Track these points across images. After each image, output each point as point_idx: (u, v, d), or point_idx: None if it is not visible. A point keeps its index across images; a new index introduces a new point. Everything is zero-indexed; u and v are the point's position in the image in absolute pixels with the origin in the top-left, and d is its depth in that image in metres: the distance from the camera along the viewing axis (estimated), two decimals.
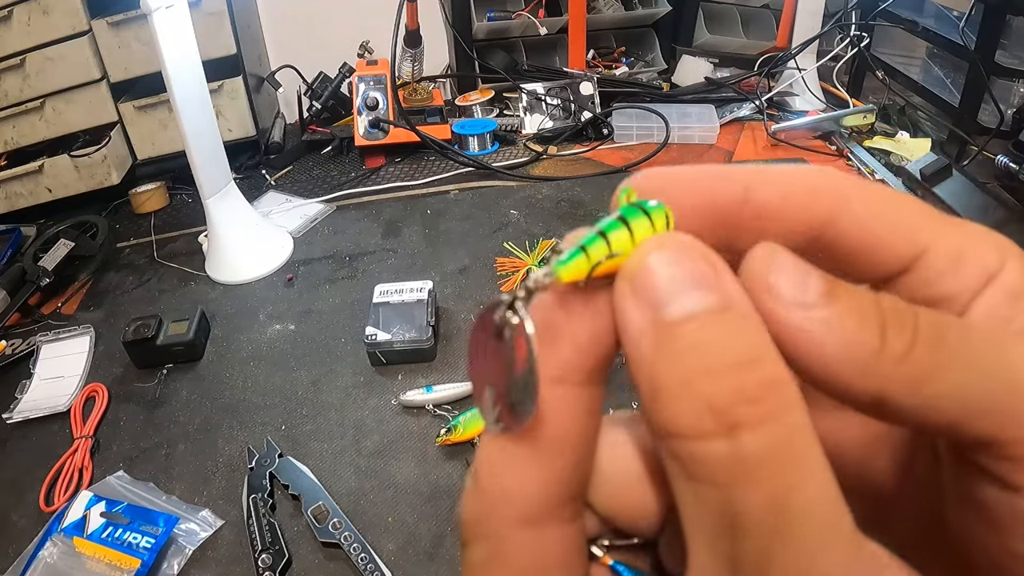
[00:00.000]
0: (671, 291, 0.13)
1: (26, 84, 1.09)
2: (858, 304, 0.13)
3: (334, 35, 1.43)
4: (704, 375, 0.12)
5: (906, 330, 0.13)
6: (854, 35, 1.34)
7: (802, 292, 0.14)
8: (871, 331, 0.13)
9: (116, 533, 0.62)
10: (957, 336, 0.13)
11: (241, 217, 1.02)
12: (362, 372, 0.80)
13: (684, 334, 0.13)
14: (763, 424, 0.12)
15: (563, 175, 1.19)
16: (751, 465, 0.12)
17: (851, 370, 0.13)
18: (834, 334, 0.13)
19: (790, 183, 0.16)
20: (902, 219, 0.16)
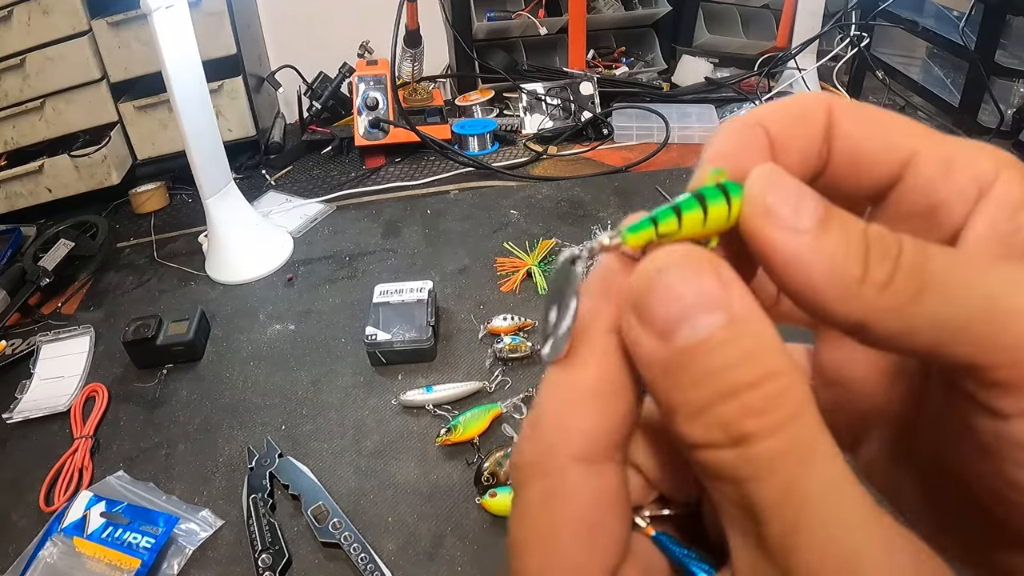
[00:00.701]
0: (678, 318, 0.13)
1: (26, 84, 1.09)
2: (847, 233, 0.14)
3: (334, 35, 1.43)
4: (713, 398, 0.13)
5: (888, 259, 0.14)
6: (854, 35, 1.34)
7: (796, 216, 0.14)
8: (856, 260, 0.14)
9: (116, 533, 0.62)
10: (938, 265, 0.14)
11: (241, 217, 1.02)
12: (362, 372, 0.80)
13: (691, 362, 0.13)
14: (770, 431, 0.13)
15: (563, 175, 1.19)
16: (760, 465, 0.13)
17: (835, 296, 0.14)
18: (821, 261, 0.14)
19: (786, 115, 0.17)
20: (888, 130, 0.17)
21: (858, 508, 0.13)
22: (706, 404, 0.13)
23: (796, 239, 0.14)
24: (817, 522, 0.13)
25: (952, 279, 0.14)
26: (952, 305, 0.13)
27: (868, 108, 0.17)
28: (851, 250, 0.14)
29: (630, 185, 1.13)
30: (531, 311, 0.86)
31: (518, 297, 0.89)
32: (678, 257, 0.14)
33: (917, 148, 0.16)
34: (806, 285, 0.14)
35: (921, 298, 0.13)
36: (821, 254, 0.14)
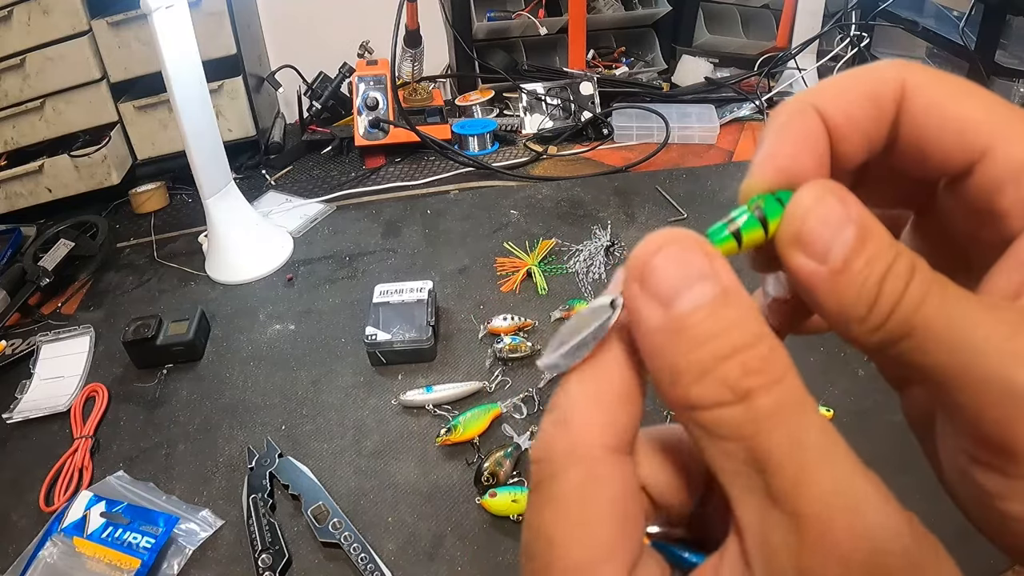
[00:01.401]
0: (678, 287, 0.15)
1: (26, 84, 1.09)
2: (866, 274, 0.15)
3: (334, 35, 1.43)
4: (716, 359, 0.14)
5: (890, 303, 0.15)
6: (854, 35, 1.34)
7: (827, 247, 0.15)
8: (864, 304, 0.15)
9: (116, 533, 0.62)
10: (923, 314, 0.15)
11: (241, 217, 1.02)
12: (362, 372, 0.80)
13: (694, 325, 0.15)
14: (769, 387, 0.14)
15: (563, 175, 1.19)
16: (766, 419, 0.14)
17: (839, 323, 0.16)
18: (834, 296, 0.15)
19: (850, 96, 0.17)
20: (964, 119, 0.16)
21: (852, 458, 0.14)
22: (710, 364, 0.14)
23: (818, 271, 0.15)
24: (822, 469, 0.14)
25: (934, 333, 0.15)
26: (927, 356, 0.15)
27: (948, 83, 0.16)
28: (863, 294, 0.15)
29: (630, 185, 1.13)
30: (531, 311, 0.86)
31: (518, 297, 0.89)
32: (673, 237, 0.15)
33: (992, 145, 0.16)
34: (817, 305, 0.16)
35: (903, 344, 0.15)
36: (836, 292, 0.15)
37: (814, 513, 0.14)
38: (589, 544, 0.15)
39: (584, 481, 0.16)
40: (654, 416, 0.70)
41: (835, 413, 0.68)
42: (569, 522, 0.15)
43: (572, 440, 0.16)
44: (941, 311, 0.15)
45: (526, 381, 0.76)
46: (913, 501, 0.48)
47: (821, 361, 0.75)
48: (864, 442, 0.65)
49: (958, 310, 0.15)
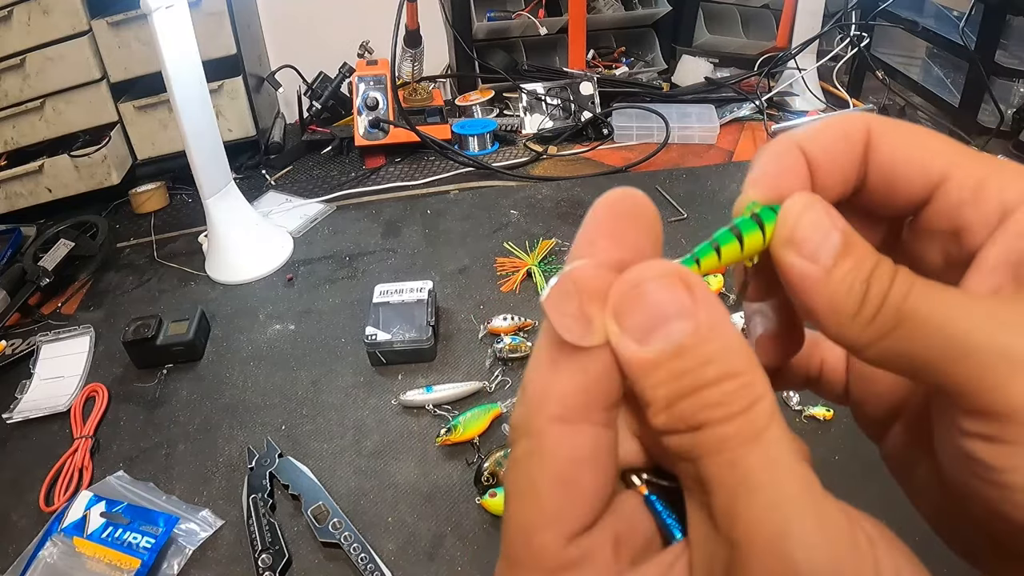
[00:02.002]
0: (651, 326, 0.15)
1: (26, 84, 1.09)
2: (855, 272, 0.16)
3: (334, 35, 1.43)
4: (678, 396, 0.15)
5: (879, 298, 0.16)
6: (854, 35, 1.34)
7: (817, 249, 0.17)
8: (854, 300, 0.16)
9: (116, 533, 0.62)
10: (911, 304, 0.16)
11: (241, 217, 1.02)
12: (362, 372, 0.80)
13: (662, 365, 0.15)
14: (720, 421, 0.15)
15: (563, 175, 1.19)
16: (710, 446, 0.15)
17: (831, 323, 0.17)
18: (826, 294, 0.17)
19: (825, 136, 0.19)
20: (923, 152, 0.18)
21: (795, 486, 0.15)
22: (672, 401, 0.15)
23: (811, 269, 0.17)
24: (755, 495, 0.14)
25: (922, 317, 0.16)
26: (917, 341, 0.16)
27: (906, 128, 0.18)
28: (854, 290, 0.16)
29: (630, 185, 1.13)
30: (531, 311, 0.86)
31: (518, 297, 0.89)
32: (653, 272, 0.16)
33: (949, 172, 0.18)
34: (810, 308, 0.17)
35: (894, 333, 0.16)
36: (828, 288, 0.17)
37: (744, 538, 0.14)
38: (531, 510, 0.16)
39: (527, 454, 0.16)
40: None
41: (835, 414, 0.68)
42: (517, 488, 0.16)
43: (522, 411, 0.17)
44: (926, 299, 0.16)
45: None
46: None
47: None
48: (864, 442, 0.65)
49: (942, 297, 0.16)
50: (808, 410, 0.69)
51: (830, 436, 0.67)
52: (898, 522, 0.22)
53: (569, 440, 0.16)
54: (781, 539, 0.14)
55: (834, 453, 0.65)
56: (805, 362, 0.24)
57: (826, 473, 0.53)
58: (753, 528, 0.14)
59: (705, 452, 0.15)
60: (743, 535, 0.14)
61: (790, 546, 0.14)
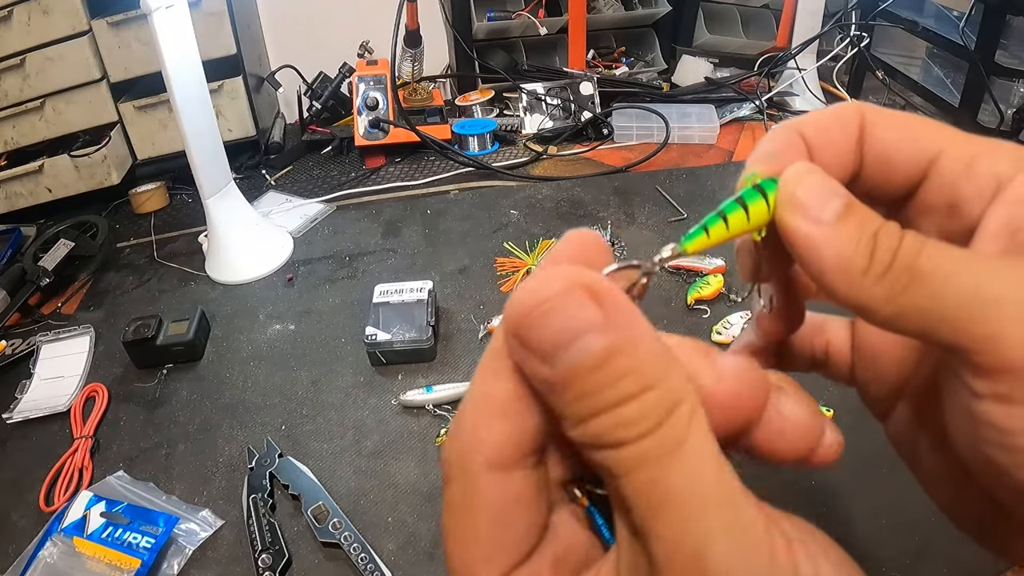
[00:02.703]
0: (557, 345, 0.15)
1: (26, 84, 1.09)
2: (861, 228, 0.17)
3: (334, 35, 1.43)
4: (591, 412, 0.15)
5: (889, 254, 0.16)
6: (854, 35, 1.34)
7: (820, 208, 0.17)
8: (863, 254, 0.16)
9: (116, 533, 0.62)
10: (926, 260, 0.16)
11: (241, 217, 1.02)
12: (362, 372, 0.80)
13: (571, 383, 0.15)
14: (637, 437, 0.15)
15: (563, 175, 1.19)
16: (628, 465, 0.15)
17: (842, 281, 0.16)
18: (834, 251, 0.16)
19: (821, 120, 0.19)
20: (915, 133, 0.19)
21: (714, 499, 0.14)
22: (586, 417, 0.15)
23: (816, 229, 0.17)
24: (673, 513, 0.14)
25: (937, 273, 0.16)
26: (933, 297, 0.16)
27: (898, 113, 0.19)
28: (861, 245, 0.16)
29: (630, 185, 1.13)
30: None
31: None
32: (559, 285, 0.15)
33: (942, 148, 0.18)
34: (819, 269, 0.17)
35: (909, 290, 0.16)
36: (835, 245, 0.16)
37: (663, 557, 0.15)
38: (470, 550, 0.17)
39: (463, 497, 0.17)
40: None
41: (835, 413, 0.68)
42: (455, 530, 0.17)
43: (456, 452, 0.17)
44: (939, 256, 0.16)
45: None
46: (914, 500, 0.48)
47: None
48: (864, 442, 0.65)
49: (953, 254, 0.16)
50: None
51: None
52: (901, 517, 0.22)
53: (502, 487, 0.17)
54: (699, 559, 0.14)
55: None
56: (810, 344, 0.24)
57: (825, 473, 0.54)
58: (671, 547, 0.14)
59: (623, 471, 0.15)
60: (662, 554, 0.15)
61: (708, 566, 0.14)
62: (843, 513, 0.58)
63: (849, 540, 0.56)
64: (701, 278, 0.87)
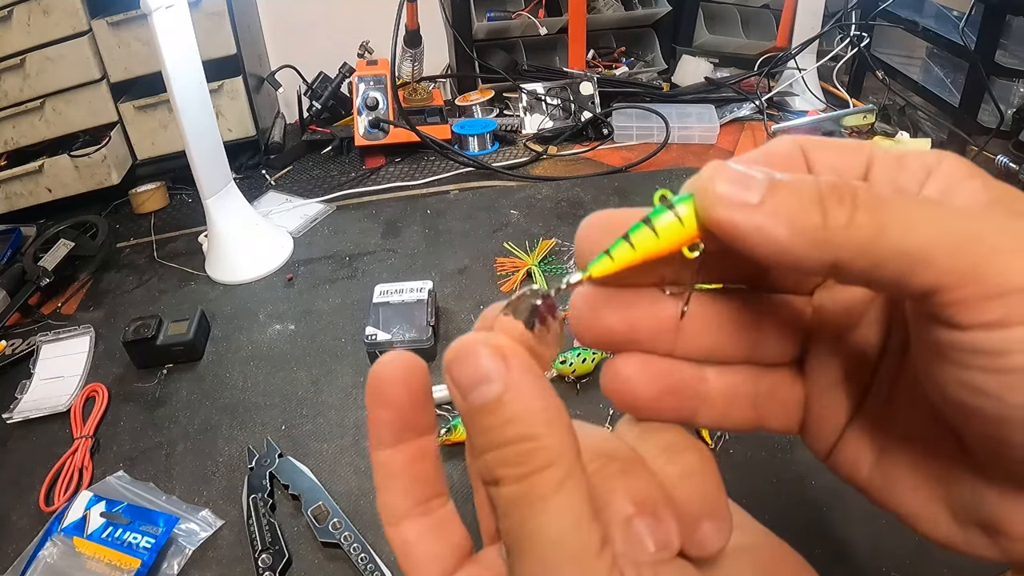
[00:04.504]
0: (469, 385, 0.17)
1: (26, 84, 1.09)
2: (797, 190, 0.17)
3: (334, 35, 1.43)
4: (485, 447, 0.17)
5: (846, 202, 0.16)
6: (854, 35, 1.34)
7: (745, 192, 0.17)
8: (812, 209, 0.16)
9: (116, 533, 0.62)
10: (896, 203, 0.16)
11: (241, 217, 1.02)
12: (362, 372, 0.80)
13: (476, 417, 0.17)
14: (513, 480, 0.17)
15: (563, 175, 1.19)
16: (505, 504, 0.17)
17: (803, 245, 0.16)
18: (780, 220, 0.16)
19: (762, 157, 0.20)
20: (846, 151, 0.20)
21: (570, 556, 0.16)
22: (481, 450, 0.17)
23: (753, 212, 0.16)
24: (531, 556, 0.17)
25: (911, 214, 0.16)
26: (912, 236, 0.16)
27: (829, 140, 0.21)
28: (804, 202, 0.16)
29: (630, 185, 1.13)
30: None
31: None
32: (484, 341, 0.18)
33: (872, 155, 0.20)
34: (775, 247, 0.16)
35: (884, 233, 0.16)
36: (778, 215, 0.16)
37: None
38: None
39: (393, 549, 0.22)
40: None
41: None
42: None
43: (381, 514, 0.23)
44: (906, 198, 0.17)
45: None
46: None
47: None
48: None
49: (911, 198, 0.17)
50: None
51: None
52: (896, 525, 0.22)
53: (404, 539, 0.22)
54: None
55: None
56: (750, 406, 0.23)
57: (823, 475, 0.53)
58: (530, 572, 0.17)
59: (500, 509, 0.17)
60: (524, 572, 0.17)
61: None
62: (843, 513, 0.58)
63: (849, 540, 0.57)
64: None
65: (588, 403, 0.72)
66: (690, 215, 0.18)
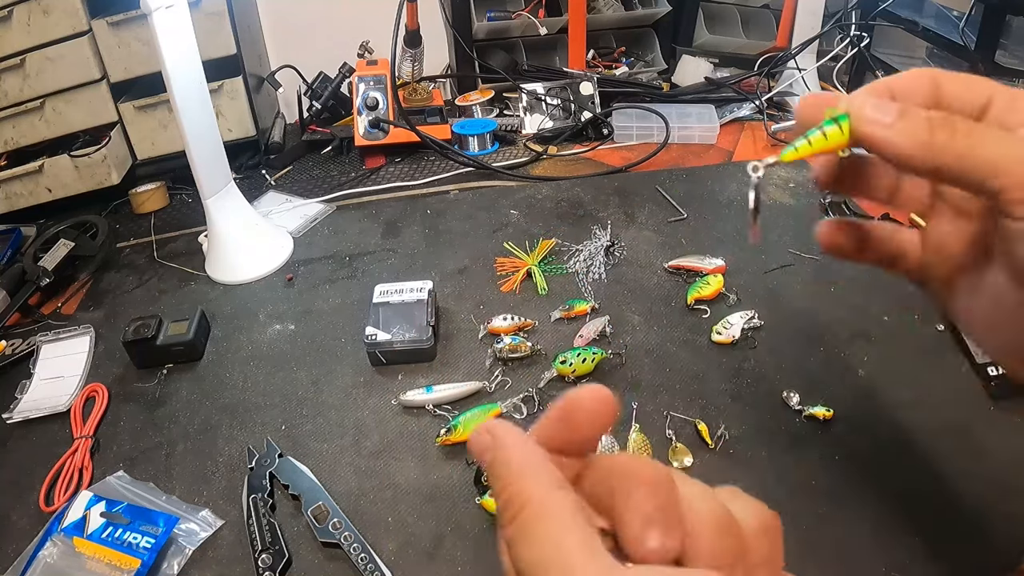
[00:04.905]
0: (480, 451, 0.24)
1: (26, 84, 1.09)
2: (915, 119, 0.27)
3: (334, 35, 1.43)
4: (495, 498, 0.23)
5: (947, 127, 0.27)
6: (854, 35, 1.34)
7: (883, 115, 0.28)
8: (923, 130, 0.27)
9: (116, 533, 0.62)
10: (983, 130, 0.27)
11: (241, 217, 1.02)
12: (362, 372, 0.80)
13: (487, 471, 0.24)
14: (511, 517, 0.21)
15: (563, 175, 1.19)
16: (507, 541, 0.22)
17: (917, 152, 0.27)
18: (903, 135, 0.27)
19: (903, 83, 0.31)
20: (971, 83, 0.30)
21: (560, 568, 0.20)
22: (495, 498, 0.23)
23: (887, 128, 0.27)
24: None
25: (991, 139, 0.26)
26: (989, 153, 0.26)
27: (962, 75, 0.30)
28: (918, 126, 0.27)
29: (630, 185, 1.13)
30: (531, 311, 0.86)
31: (518, 297, 0.89)
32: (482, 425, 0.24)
33: (991, 94, 0.29)
34: (899, 152, 0.27)
35: (972, 150, 0.26)
36: (903, 132, 0.27)
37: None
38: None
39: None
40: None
41: (835, 413, 0.68)
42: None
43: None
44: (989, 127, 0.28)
45: (526, 381, 0.76)
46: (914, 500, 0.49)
47: (821, 361, 0.75)
48: (864, 441, 0.65)
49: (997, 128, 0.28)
50: (808, 410, 0.69)
51: (830, 436, 0.67)
52: (901, 517, 0.22)
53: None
54: None
55: (834, 453, 0.65)
56: (887, 244, 0.36)
57: (826, 473, 0.54)
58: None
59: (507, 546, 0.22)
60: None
61: None
62: (843, 513, 0.58)
63: (849, 540, 0.57)
64: (701, 278, 0.87)
65: None
66: (847, 126, 0.28)
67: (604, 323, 0.81)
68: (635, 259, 0.94)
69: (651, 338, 0.80)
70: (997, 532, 0.56)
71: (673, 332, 0.81)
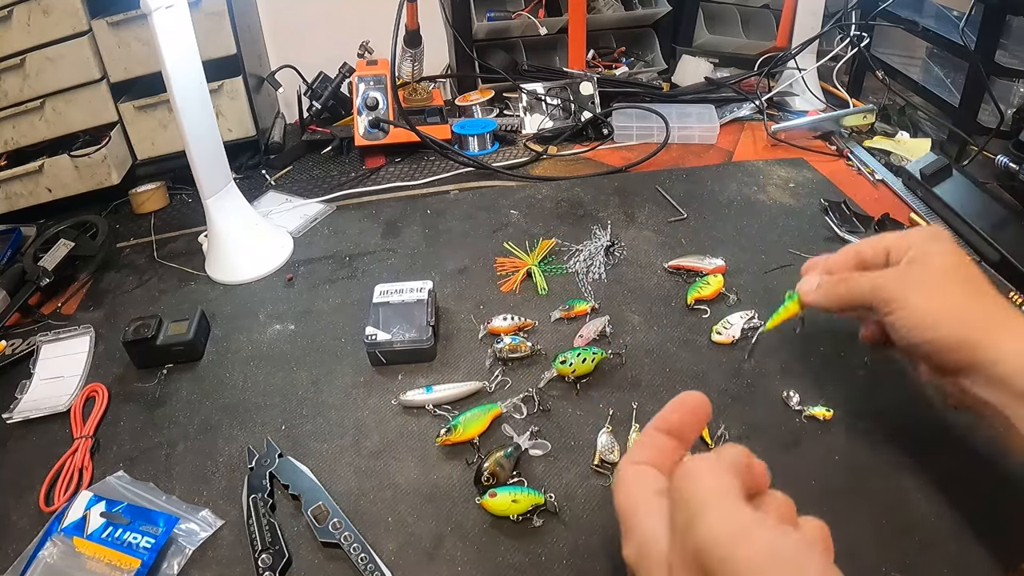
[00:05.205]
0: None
1: (26, 84, 1.09)
2: (826, 282, 0.60)
3: (334, 35, 1.43)
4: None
5: (841, 282, 0.58)
6: (854, 35, 1.34)
7: (811, 287, 0.61)
8: (832, 287, 0.59)
9: (116, 533, 0.62)
10: (856, 277, 0.57)
11: (241, 217, 1.02)
12: (362, 372, 0.80)
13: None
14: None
15: (563, 175, 1.19)
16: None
17: (832, 302, 0.59)
18: (822, 294, 0.60)
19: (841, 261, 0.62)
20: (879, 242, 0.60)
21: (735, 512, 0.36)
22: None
23: (814, 293, 0.60)
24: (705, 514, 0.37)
25: (861, 279, 0.56)
26: (860, 287, 0.56)
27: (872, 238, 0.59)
28: (827, 287, 0.59)
29: (630, 185, 1.13)
30: (531, 311, 0.86)
31: (518, 297, 0.89)
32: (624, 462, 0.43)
33: (887, 245, 0.57)
34: (823, 304, 0.60)
35: (851, 290, 0.57)
36: (820, 293, 0.60)
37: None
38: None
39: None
40: None
41: (835, 413, 0.68)
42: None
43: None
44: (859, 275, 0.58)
45: (526, 381, 0.76)
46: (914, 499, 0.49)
47: (821, 361, 0.75)
48: (864, 441, 0.65)
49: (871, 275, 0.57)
50: (808, 410, 0.69)
51: (830, 436, 0.67)
52: (901, 517, 0.22)
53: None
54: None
55: (834, 453, 0.65)
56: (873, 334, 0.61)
57: (826, 473, 0.54)
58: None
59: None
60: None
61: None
62: (843, 513, 0.58)
63: (849, 540, 0.56)
64: (701, 278, 0.87)
65: (588, 403, 0.72)
66: (798, 299, 0.62)
67: (604, 323, 0.81)
68: (635, 259, 0.95)
69: (651, 338, 0.80)
70: (997, 532, 0.56)
71: (673, 332, 0.81)
